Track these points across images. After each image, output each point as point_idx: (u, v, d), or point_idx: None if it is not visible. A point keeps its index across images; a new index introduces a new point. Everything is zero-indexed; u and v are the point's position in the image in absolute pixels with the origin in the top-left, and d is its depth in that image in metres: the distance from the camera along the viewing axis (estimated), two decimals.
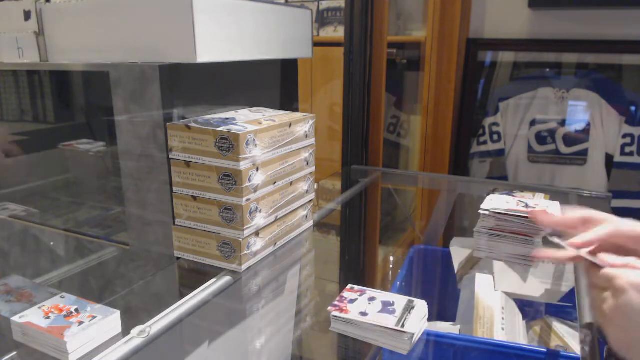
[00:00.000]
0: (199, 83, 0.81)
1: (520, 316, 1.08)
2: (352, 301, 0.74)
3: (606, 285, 0.53)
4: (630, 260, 0.53)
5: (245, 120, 0.75)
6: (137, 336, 0.58)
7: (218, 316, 0.76)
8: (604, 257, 0.55)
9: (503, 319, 1.04)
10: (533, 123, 1.80)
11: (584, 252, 0.57)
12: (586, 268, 0.58)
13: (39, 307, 0.64)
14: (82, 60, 0.80)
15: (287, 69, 1.04)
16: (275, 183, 0.77)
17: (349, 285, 0.79)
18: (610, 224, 0.60)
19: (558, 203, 0.90)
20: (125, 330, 0.62)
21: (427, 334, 0.81)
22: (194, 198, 0.73)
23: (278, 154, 0.77)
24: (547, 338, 1.10)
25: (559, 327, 1.11)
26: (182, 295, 0.68)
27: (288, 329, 0.88)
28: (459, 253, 1.25)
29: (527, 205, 0.88)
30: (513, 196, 0.94)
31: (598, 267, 0.55)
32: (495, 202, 0.88)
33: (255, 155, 0.71)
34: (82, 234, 0.93)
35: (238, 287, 0.75)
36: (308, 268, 0.94)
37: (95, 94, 0.89)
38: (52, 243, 0.98)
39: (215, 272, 0.74)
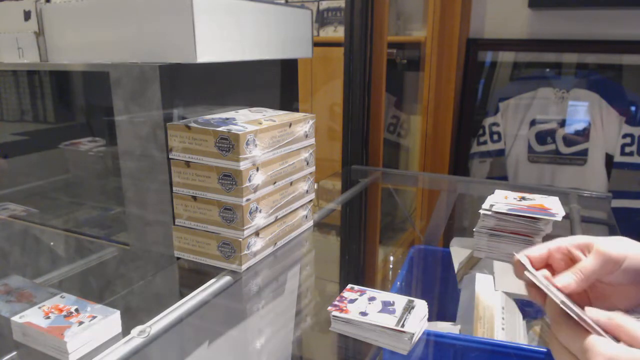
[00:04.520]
0: (199, 83, 0.81)
1: (521, 316, 1.08)
2: (352, 301, 0.74)
3: (575, 351, 0.41)
4: (616, 315, 0.41)
5: (245, 120, 0.75)
6: (137, 336, 0.58)
7: (218, 316, 0.76)
8: (586, 311, 0.42)
9: (503, 319, 1.04)
10: (533, 123, 1.80)
11: (560, 298, 0.43)
12: (552, 317, 0.44)
13: (39, 307, 0.64)
14: (82, 60, 0.81)
15: (287, 69, 1.04)
16: (275, 183, 0.77)
17: (349, 285, 0.79)
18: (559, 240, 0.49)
19: (557, 198, 0.90)
20: (125, 330, 0.62)
21: (427, 334, 0.81)
22: (194, 198, 0.73)
23: (278, 154, 0.77)
24: (547, 338, 1.10)
25: None
26: (182, 295, 0.68)
27: (288, 329, 0.88)
28: (459, 253, 1.25)
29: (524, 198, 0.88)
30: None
31: (567, 320, 0.42)
32: (496, 200, 0.88)
33: (255, 155, 0.71)
34: (82, 234, 0.93)
35: (238, 287, 0.75)
36: (308, 268, 0.94)
37: (95, 94, 0.89)
38: (52, 243, 0.98)
39: (215, 272, 0.74)
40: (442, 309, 1.27)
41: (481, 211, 0.85)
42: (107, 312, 0.63)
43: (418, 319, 0.70)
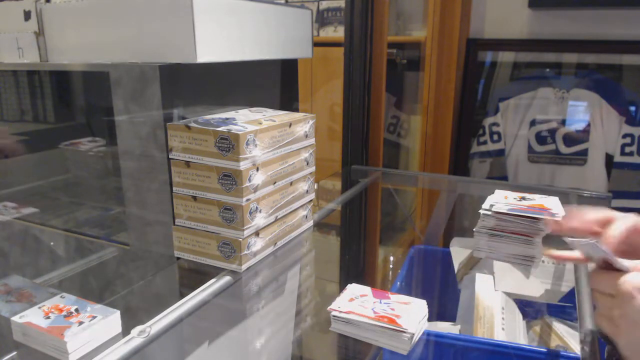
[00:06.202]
0: (199, 83, 0.81)
1: (521, 316, 1.08)
2: (352, 301, 0.74)
3: (611, 290, 0.49)
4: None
5: (245, 120, 0.75)
6: (137, 336, 0.58)
7: (218, 316, 0.76)
8: (619, 260, 0.50)
9: (503, 319, 1.04)
10: (533, 123, 1.80)
11: (603, 251, 0.51)
12: (593, 272, 0.54)
13: (39, 307, 0.64)
14: (82, 60, 0.81)
15: (287, 69, 1.04)
16: (275, 183, 0.77)
17: (349, 285, 0.79)
18: (629, 218, 0.56)
19: (557, 198, 0.90)
20: (125, 330, 0.62)
21: (427, 334, 0.81)
22: (194, 198, 0.73)
23: (278, 154, 0.77)
24: (547, 338, 1.10)
25: (559, 327, 1.11)
26: (182, 295, 0.68)
27: (288, 329, 0.88)
28: (459, 253, 1.25)
29: (524, 198, 0.88)
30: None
31: (602, 271, 0.52)
32: (496, 200, 0.88)
33: (255, 155, 0.71)
34: (82, 234, 0.93)
35: (238, 287, 0.75)
36: (308, 268, 0.94)
37: (95, 94, 0.89)
38: (52, 243, 0.98)
39: (215, 272, 0.74)
40: (442, 309, 1.27)
41: (481, 211, 0.85)
42: (107, 312, 0.63)
43: (418, 319, 0.70)
